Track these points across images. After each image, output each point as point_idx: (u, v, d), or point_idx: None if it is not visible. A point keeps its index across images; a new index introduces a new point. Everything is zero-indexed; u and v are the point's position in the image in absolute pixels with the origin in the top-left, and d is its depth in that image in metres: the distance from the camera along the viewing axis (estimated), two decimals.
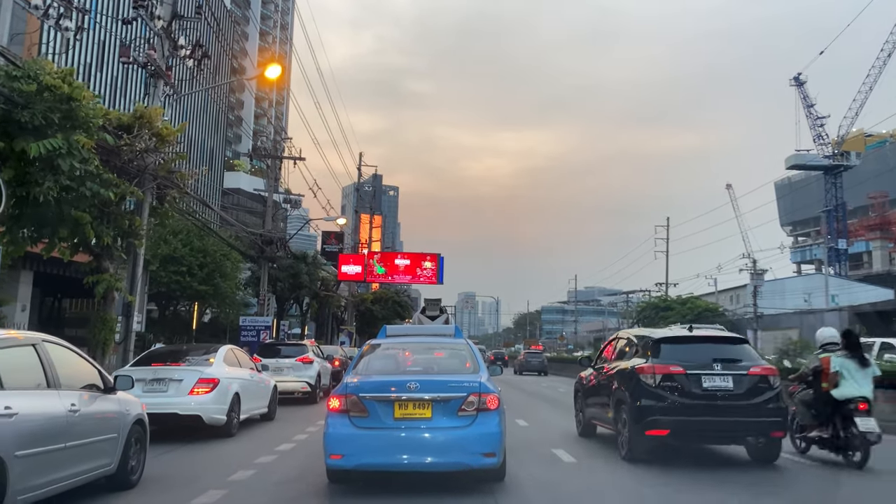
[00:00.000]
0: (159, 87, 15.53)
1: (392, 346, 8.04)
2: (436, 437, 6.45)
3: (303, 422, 13.06)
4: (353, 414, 6.47)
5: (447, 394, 6.55)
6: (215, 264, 25.20)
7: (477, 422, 6.46)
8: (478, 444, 6.42)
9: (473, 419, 6.46)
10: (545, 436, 11.75)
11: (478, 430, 6.44)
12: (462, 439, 6.41)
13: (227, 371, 10.82)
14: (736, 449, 9.50)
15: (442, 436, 6.45)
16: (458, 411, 6.48)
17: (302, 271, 30.83)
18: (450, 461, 6.47)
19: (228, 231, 27.21)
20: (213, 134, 60.93)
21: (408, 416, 6.46)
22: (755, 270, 53.39)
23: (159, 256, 24.36)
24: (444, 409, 6.48)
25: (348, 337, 48.18)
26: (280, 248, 26.35)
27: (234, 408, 10.70)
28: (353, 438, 6.40)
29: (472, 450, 6.41)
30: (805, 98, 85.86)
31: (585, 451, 10.01)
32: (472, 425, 6.44)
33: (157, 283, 24.67)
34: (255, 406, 12.11)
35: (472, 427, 6.44)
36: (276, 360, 16.63)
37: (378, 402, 6.49)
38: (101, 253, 13.17)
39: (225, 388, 10.46)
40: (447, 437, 6.45)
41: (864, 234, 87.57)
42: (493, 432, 6.51)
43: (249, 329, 26.01)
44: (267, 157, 25.90)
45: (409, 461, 6.45)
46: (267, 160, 25.78)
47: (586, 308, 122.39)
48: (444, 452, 6.46)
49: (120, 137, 12.90)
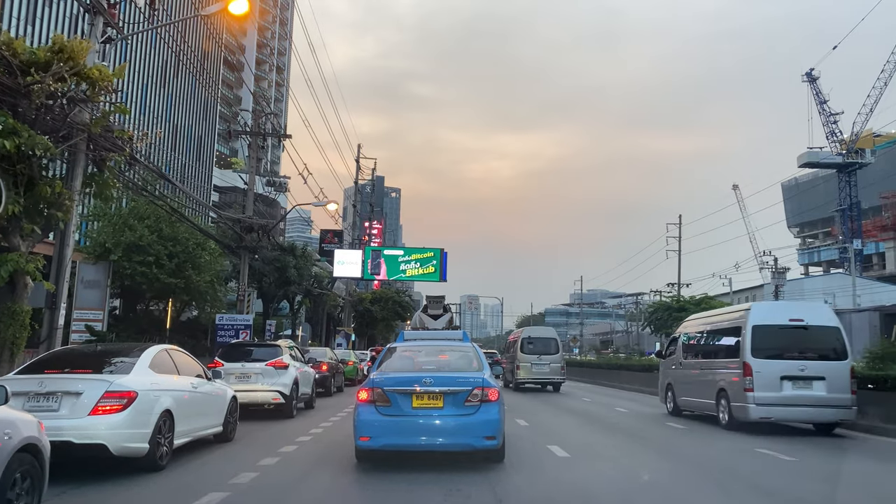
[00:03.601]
0: (97, 26, 12.53)
1: (409, 348, 9.58)
2: (447, 423, 7.75)
3: (270, 442, 10.16)
4: (379, 404, 7.76)
5: (456, 387, 7.84)
6: (187, 254, 22.18)
7: (480, 410, 7.76)
8: (481, 428, 7.71)
9: (477, 408, 7.76)
10: None
11: (481, 418, 7.74)
12: (468, 425, 7.70)
13: (153, 380, 7.82)
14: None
15: (452, 422, 7.75)
16: (465, 402, 7.77)
17: (289, 265, 27.78)
18: (458, 442, 7.79)
19: (206, 221, 24.11)
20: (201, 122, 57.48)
21: (423, 406, 7.76)
22: (776, 269, 50.19)
23: (122, 244, 21.38)
24: (453, 400, 7.78)
25: (345, 339, 45.42)
26: (263, 237, 23.27)
27: (163, 431, 7.70)
28: (379, 423, 7.69)
29: (477, 433, 7.71)
30: (818, 94, 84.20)
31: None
32: (476, 413, 7.74)
33: (122, 276, 21.67)
34: (202, 425, 9.12)
35: (477, 415, 7.74)
36: (241, 365, 13.60)
37: (399, 394, 7.77)
38: (6, 226, 10.20)
39: (147, 405, 7.47)
40: (456, 422, 7.74)
41: (877, 234, 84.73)
42: (494, 419, 7.83)
43: (227, 328, 23.01)
44: (244, 133, 22.92)
45: (425, 442, 7.78)
46: (244, 137, 22.77)
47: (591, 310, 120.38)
48: (453, 435, 7.77)
49: (31, 75, 9.95)
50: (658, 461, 9.52)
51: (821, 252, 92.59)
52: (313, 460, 8.93)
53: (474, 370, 8.45)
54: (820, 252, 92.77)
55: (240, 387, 13.29)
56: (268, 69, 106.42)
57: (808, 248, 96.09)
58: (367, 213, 59.06)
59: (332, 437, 10.92)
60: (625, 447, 10.95)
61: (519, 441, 10.23)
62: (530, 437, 11.32)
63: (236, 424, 10.51)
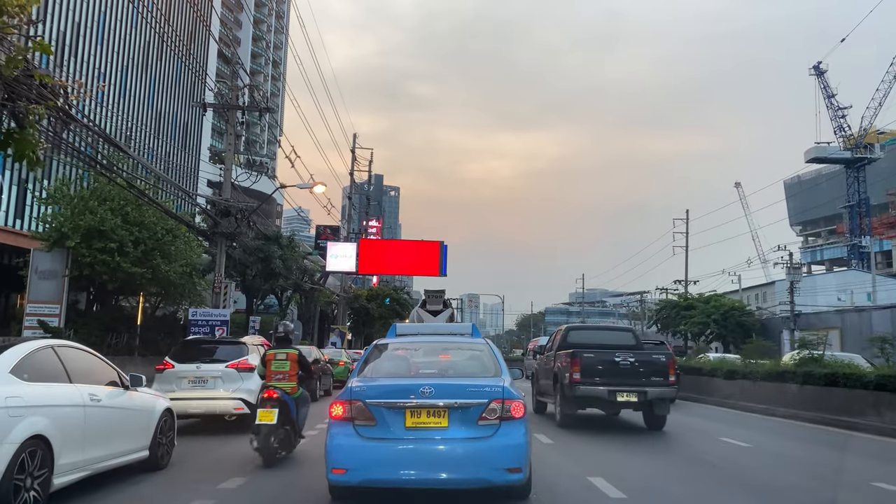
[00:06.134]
0: None
1: (403, 345, 7.30)
2: (453, 450, 5.63)
3: (218, 469, 7.74)
4: (359, 422, 5.69)
5: (466, 400, 5.74)
6: (155, 241, 19.67)
7: (500, 432, 5.66)
8: (501, 457, 5.61)
9: (496, 429, 5.67)
10: None
11: (501, 442, 5.63)
12: (483, 452, 5.61)
13: (13, 392, 5.30)
14: None
15: (460, 448, 5.63)
16: (479, 420, 5.69)
17: (274, 255, 25.26)
18: (469, 477, 5.63)
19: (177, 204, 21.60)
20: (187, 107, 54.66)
21: (421, 426, 5.67)
22: (792, 264, 47.74)
23: (81, 229, 18.89)
24: (462, 418, 5.70)
25: (340, 337, 43.17)
26: (242, 223, 20.76)
27: (28, 468, 5.17)
28: (359, 450, 5.61)
29: (495, 464, 5.59)
30: (825, 88, 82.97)
31: None
32: (494, 436, 5.65)
33: (80, 265, 19.21)
34: (113, 451, 6.65)
35: (495, 438, 5.64)
36: (196, 367, 11.07)
37: (387, 410, 5.70)
38: None
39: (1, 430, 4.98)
40: (466, 449, 5.63)
41: (883, 231, 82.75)
42: (519, 444, 5.71)
43: (202, 324, 20.51)
44: (221, 107, 20.41)
45: (422, 477, 5.63)
46: (223, 111, 20.27)
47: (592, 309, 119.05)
48: (462, 467, 5.61)
49: None
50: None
51: (824, 251, 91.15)
52: (270, 498, 6.54)
53: (491, 376, 6.30)
54: (823, 251, 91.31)
55: (194, 394, 10.91)
56: (263, 62, 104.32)
57: (811, 247, 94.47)
58: (365, 207, 56.72)
59: (306, 459, 8.49)
60: (710, 485, 7.62)
61: (545, 468, 7.61)
62: (561, 464, 8.56)
63: (172, 446, 8.01)
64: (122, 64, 46.80)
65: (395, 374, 6.51)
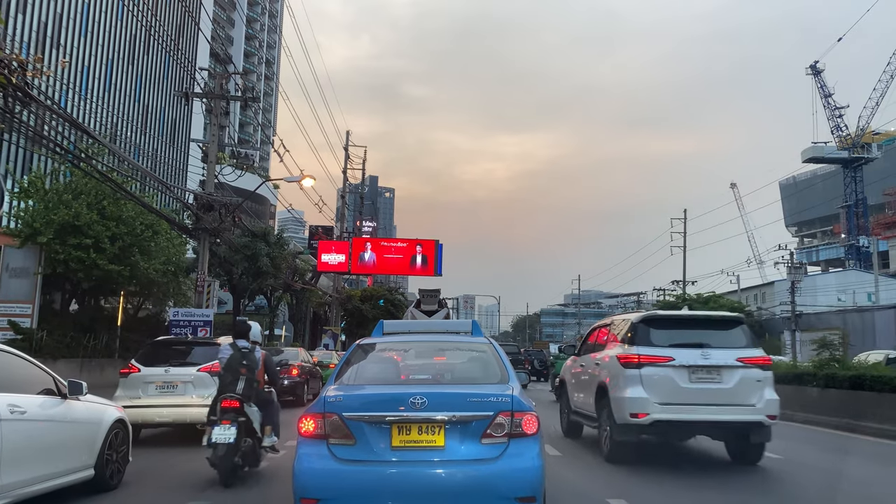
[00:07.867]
0: None
1: (390, 346, 5.99)
2: (451, 475, 4.54)
3: (178, 488, 6.78)
4: (335, 441, 4.59)
5: (467, 412, 4.64)
6: (133, 237, 18.62)
7: (509, 452, 4.59)
8: (510, 483, 4.52)
9: (504, 448, 4.61)
10: None
11: (510, 465, 4.56)
12: (488, 477, 4.53)
13: None
14: None
15: (460, 473, 4.55)
16: (483, 437, 4.63)
17: (261, 252, 24.20)
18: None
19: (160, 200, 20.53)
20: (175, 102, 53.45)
21: (411, 445, 4.59)
22: (793, 264, 46.91)
23: (55, 224, 17.85)
24: (462, 435, 4.63)
25: (332, 339, 42.09)
26: (227, 218, 19.70)
27: None
28: (334, 476, 4.48)
29: (503, 492, 4.50)
30: (822, 87, 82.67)
31: None
32: (501, 457, 4.58)
33: (53, 261, 18.15)
34: (48, 472, 5.60)
35: (503, 460, 4.57)
36: (165, 371, 10.06)
37: (369, 425, 4.60)
38: None
39: None
40: (467, 474, 4.54)
41: (881, 231, 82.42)
42: (531, 466, 4.60)
43: (183, 325, 19.46)
44: (203, 95, 19.32)
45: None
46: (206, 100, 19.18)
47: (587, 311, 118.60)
48: (462, 496, 4.52)
49: None
50: None
51: (819, 251, 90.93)
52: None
53: (496, 382, 5.17)
54: (819, 251, 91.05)
55: (162, 400, 9.89)
56: (257, 62, 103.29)
57: (806, 248, 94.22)
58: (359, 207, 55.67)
59: (275, 476, 7.49)
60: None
61: (555, 488, 6.47)
62: (574, 482, 7.38)
63: (126, 462, 6.99)
64: (107, 57, 45.62)
65: (380, 381, 5.40)
